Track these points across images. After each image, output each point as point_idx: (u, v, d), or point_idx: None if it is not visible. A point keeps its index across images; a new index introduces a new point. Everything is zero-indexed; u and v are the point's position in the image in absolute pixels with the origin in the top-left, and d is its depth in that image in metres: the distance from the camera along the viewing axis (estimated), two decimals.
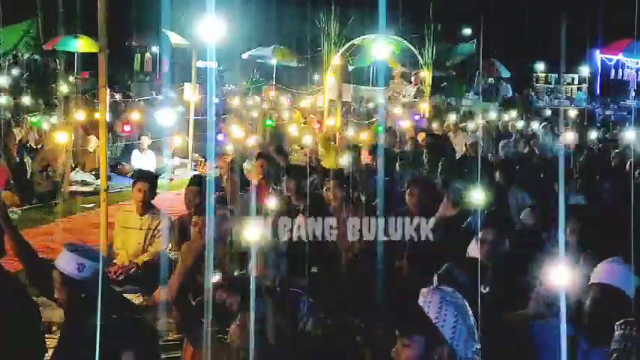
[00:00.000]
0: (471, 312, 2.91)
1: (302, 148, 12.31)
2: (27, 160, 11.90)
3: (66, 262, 3.81)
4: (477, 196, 5.03)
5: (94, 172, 12.56)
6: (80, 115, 13.10)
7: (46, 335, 4.58)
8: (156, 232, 6.49)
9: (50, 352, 4.22)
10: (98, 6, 6.29)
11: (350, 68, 20.77)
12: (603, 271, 3.71)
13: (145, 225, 6.51)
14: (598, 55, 27.39)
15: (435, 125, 14.80)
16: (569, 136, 11.26)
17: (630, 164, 8.91)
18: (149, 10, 18.61)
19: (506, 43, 25.07)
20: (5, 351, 3.96)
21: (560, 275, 2.12)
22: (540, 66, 27.79)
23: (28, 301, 4.22)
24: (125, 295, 5.17)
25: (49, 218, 10.32)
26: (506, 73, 24.98)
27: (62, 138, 11.30)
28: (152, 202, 6.70)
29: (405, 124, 14.13)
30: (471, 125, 14.69)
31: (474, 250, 4.98)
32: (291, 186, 6.93)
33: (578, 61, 26.59)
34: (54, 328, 5.11)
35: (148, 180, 6.73)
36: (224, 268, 4.49)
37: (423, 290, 2.93)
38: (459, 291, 2.98)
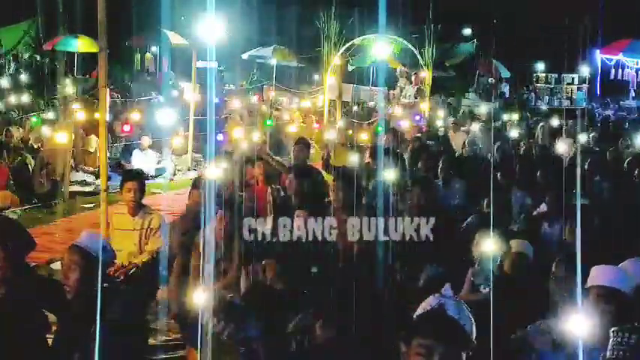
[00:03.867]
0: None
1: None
2: (27, 160, 11.89)
3: (91, 242, 4.01)
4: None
5: (94, 171, 12.55)
6: (80, 115, 13.08)
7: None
8: (149, 231, 6.44)
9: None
10: (98, 6, 6.29)
11: (350, 68, 20.76)
12: (598, 273, 3.69)
13: (138, 225, 6.45)
14: (598, 55, 27.40)
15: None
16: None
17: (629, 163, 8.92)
18: (149, 10, 18.58)
19: (506, 43, 25.09)
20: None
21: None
22: (540, 66, 27.77)
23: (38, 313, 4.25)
24: None
25: (49, 218, 10.31)
26: (506, 73, 24.97)
27: (62, 138, 11.29)
28: (143, 201, 6.64)
29: (405, 124, 14.11)
30: (470, 125, 14.66)
31: None
32: (293, 185, 6.83)
33: (578, 61, 26.60)
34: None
35: (137, 179, 6.63)
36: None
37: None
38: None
